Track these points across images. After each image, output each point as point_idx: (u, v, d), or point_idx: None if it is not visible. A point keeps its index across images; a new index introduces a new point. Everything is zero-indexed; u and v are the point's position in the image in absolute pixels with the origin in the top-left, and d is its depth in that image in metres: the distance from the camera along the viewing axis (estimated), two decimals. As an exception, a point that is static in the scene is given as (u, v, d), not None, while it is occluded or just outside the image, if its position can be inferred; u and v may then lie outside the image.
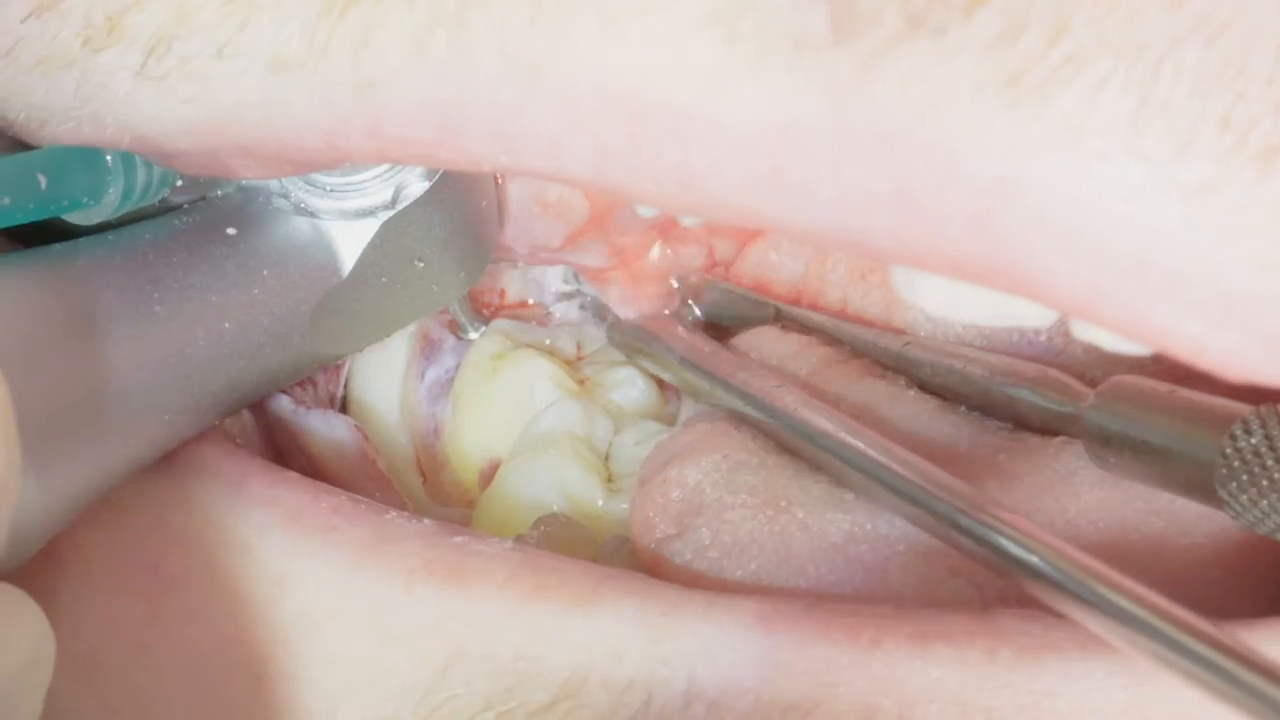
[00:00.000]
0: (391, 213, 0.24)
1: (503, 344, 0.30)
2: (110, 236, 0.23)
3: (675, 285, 0.31)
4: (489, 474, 0.30)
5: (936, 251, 0.18)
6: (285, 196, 0.24)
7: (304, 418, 0.28)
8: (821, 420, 0.25)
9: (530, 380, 0.30)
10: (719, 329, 0.30)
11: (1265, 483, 0.20)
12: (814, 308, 0.29)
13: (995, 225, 0.17)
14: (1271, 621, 0.20)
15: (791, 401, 0.26)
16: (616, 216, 0.28)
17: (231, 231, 0.24)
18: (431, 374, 0.31)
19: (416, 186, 0.24)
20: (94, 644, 0.23)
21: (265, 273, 0.24)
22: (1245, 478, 0.20)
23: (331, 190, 0.24)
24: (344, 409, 0.31)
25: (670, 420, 0.30)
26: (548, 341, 0.31)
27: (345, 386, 0.31)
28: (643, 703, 0.21)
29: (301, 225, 0.24)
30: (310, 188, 0.24)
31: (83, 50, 0.21)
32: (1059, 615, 0.21)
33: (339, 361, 0.27)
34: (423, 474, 0.31)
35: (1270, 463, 0.20)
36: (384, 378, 0.31)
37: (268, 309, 0.24)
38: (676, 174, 0.19)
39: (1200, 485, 0.21)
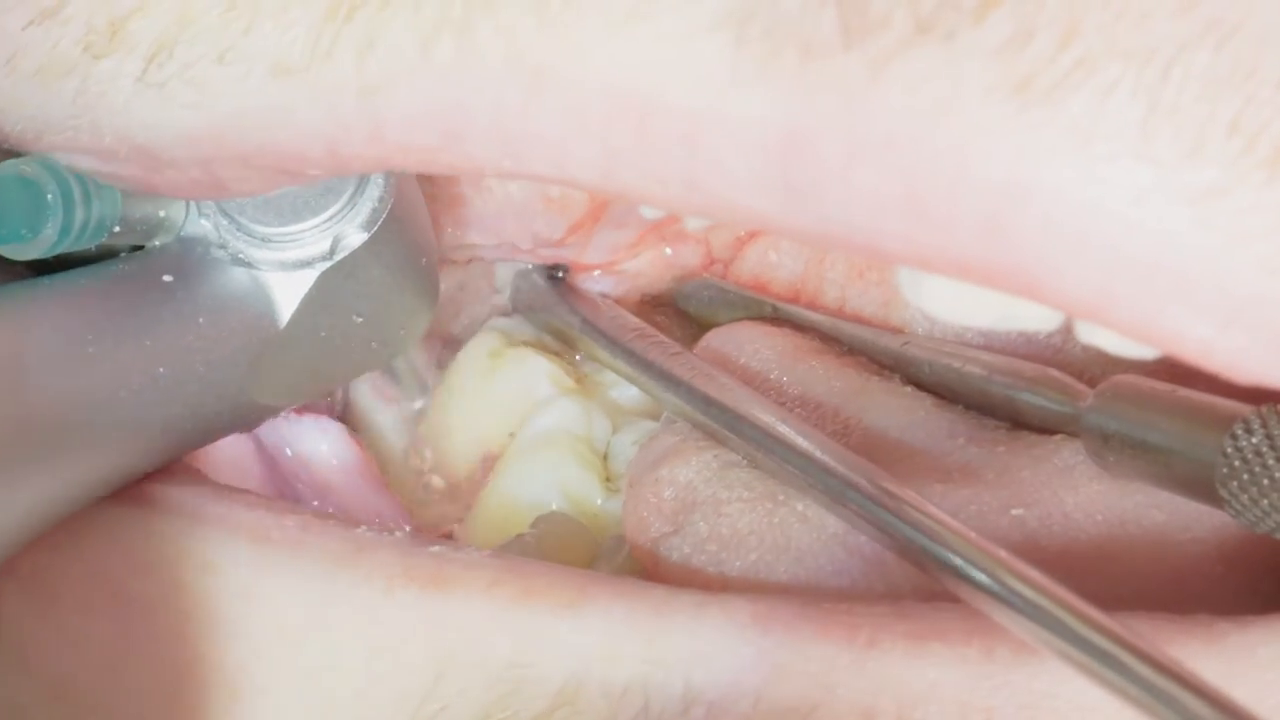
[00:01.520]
0: (329, 263, 0.24)
1: (500, 342, 0.30)
2: (46, 281, 0.23)
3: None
4: (486, 472, 0.30)
5: (945, 254, 0.18)
6: (223, 247, 0.24)
7: (296, 424, 0.28)
8: (727, 393, 0.25)
9: (528, 378, 0.30)
10: (713, 327, 0.30)
11: (1266, 482, 0.20)
12: (812, 306, 0.29)
13: (1005, 229, 0.17)
14: (1272, 619, 0.20)
15: (691, 371, 0.26)
16: (614, 211, 0.28)
17: (168, 279, 0.24)
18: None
19: (355, 237, 0.24)
20: (62, 667, 0.23)
21: (201, 320, 0.24)
22: (1246, 477, 0.20)
23: (269, 240, 0.24)
24: (345, 412, 0.30)
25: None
26: (546, 339, 0.31)
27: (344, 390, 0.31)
28: (640, 707, 0.21)
29: (239, 275, 0.24)
30: (248, 238, 0.24)
31: (83, 57, 0.21)
32: None
33: (280, 413, 0.27)
34: (419, 475, 0.31)
35: (1271, 462, 0.20)
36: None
37: (203, 356, 0.24)
38: (684, 176, 0.18)
39: (1200, 484, 0.21)
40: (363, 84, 0.19)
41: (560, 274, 0.30)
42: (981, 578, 0.20)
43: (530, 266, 0.31)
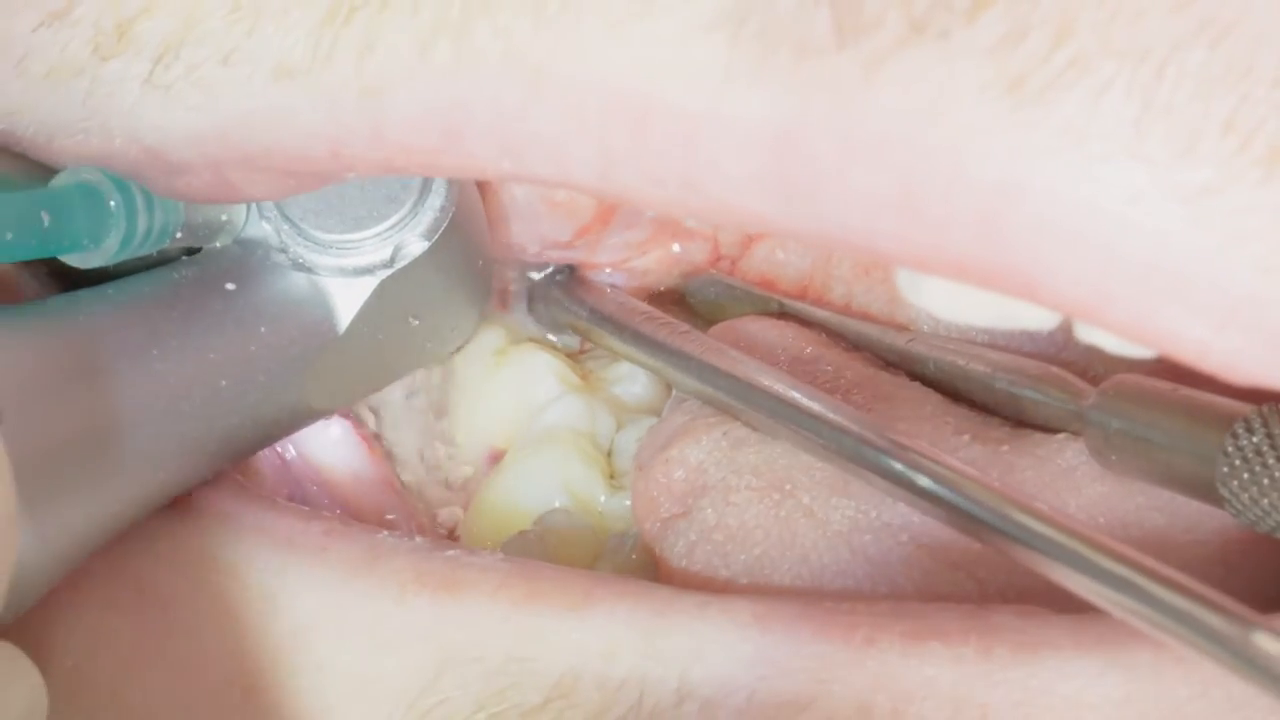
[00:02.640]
0: (389, 271, 0.24)
1: (504, 338, 0.30)
2: (111, 290, 0.23)
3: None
4: (490, 467, 0.30)
5: (941, 255, 0.18)
6: (284, 252, 0.24)
7: None
8: (739, 366, 0.25)
9: (533, 375, 0.30)
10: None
11: (1266, 481, 0.20)
12: (819, 304, 0.29)
13: (999, 229, 0.17)
14: (1272, 619, 0.20)
15: (702, 348, 0.26)
16: (625, 213, 0.28)
17: (230, 286, 0.24)
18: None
19: (415, 246, 0.24)
20: (80, 660, 0.23)
21: (263, 329, 0.24)
22: (1246, 476, 0.20)
23: (330, 247, 0.24)
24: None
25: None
26: (550, 336, 0.31)
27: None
28: (635, 701, 0.21)
29: (299, 281, 0.24)
30: (309, 244, 0.24)
31: (92, 58, 0.21)
32: (1053, 611, 0.21)
33: (330, 415, 0.28)
34: (428, 471, 0.31)
35: (1271, 461, 0.20)
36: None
37: (264, 365, 0.24)
38: (681, 177, 0.19)
39: (1201, 483, 0.21)
40: (362, 86, 0.19)
41: (568, 268, 0.31)
42: (1000, 521, 0.20)
43: (544, 268, 0.31)
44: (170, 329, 0.23)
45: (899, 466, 0.22)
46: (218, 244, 0.24)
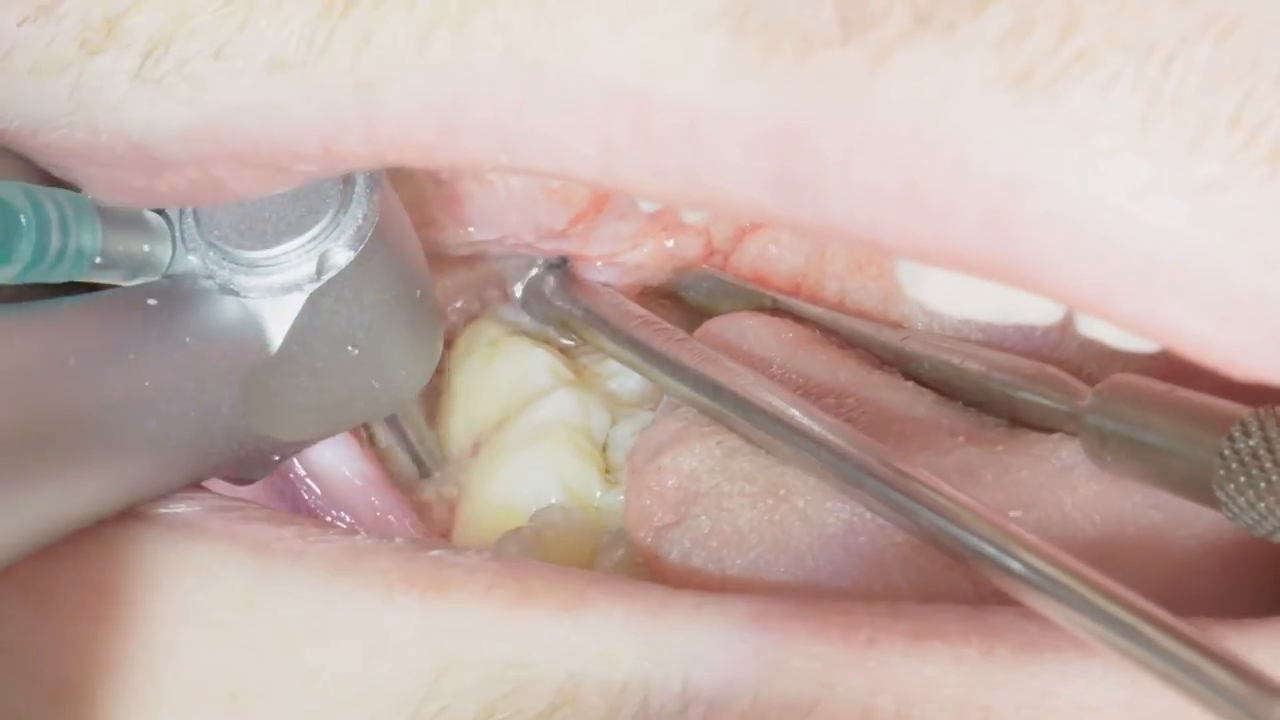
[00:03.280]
0: (317, 284, 0.24)
1: (499, 331, 0.30)
2: (30, 304, 0.23)
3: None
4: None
5: (944, 247, 0.18)
6: (210, 278, 0.24)
7: None
8: (736, 379, 0.25)
9: (527, 369, 0.29)
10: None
11: (1263, 485, 0.20)
12: (813, 300, 0.29)
13: (1004, 222, 0.17)
14: (1269, 622, 0.20)
15: (699, 358, 0.26)
16: (616, 203, 0.28)
17: (152, 302, 0.24)
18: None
19: (341, 256, 0.24)
20: (62, 670, 0.23)
21: (188, 339, 0.23)
22: (1243, 479, 0.20)
23: (255, 266, 0.24)
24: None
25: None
26: (546, 330, 0.31)
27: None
28: (639, 705, 0.21)
29: (228, 304, 0.24)
30: (234, 265, 0.24)
31: (79, 53, 0.21)
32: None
33: (292, 451, 0.27)
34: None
35: (1268, 465, 0.20)
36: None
37: (192, 374, 0.23)
38: (683, 170, 0.18)
39: (1198, 486, 0.21)
40: (358, 79, 0.19)
41: (563, 265, 0.30)
42: (997, 554, 0.20)
43: (539, 264, 0.31)
44: (86, 333, 0.22)
45: (897, 495, 0.22)
46: (141, 279, 0.24)
